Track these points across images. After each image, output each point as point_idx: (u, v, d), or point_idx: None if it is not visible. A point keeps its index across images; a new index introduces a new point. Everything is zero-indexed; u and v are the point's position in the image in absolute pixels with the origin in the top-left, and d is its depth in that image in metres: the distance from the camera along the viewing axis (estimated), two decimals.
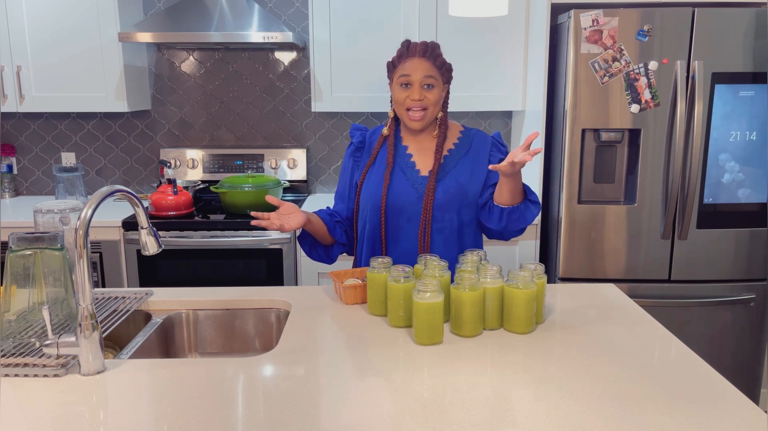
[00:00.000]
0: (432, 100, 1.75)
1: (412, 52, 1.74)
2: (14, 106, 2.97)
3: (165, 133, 3.39)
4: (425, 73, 1.73)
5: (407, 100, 1.75)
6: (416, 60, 1.73)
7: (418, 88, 1.73)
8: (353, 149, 1.91)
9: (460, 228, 1.81)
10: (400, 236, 1.80)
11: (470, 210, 1.82)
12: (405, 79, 1.74)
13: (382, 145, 1.86)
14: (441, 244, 1.79)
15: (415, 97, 1.73)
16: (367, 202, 1.82)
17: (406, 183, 1.80)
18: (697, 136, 2.53)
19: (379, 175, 1.83)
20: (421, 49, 1.74)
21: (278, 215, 1.70)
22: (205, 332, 1.73)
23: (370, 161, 1.85)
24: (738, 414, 1.13)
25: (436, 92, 1.76)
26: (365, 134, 1.92)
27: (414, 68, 1.73)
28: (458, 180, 1.79)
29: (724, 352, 2.73)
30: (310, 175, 3.41)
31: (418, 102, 1.73)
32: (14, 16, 2.89)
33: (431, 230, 1.78)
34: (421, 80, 1.73)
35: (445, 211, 1.78)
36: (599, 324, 1.54)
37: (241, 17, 2.89)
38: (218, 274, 2.82)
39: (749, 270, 2.68)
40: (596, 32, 2.50)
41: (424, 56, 1.73)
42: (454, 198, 1.78)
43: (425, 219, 1.77)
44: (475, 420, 1.10)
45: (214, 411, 1.14)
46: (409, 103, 1.75)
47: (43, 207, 1.58)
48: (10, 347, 1.37)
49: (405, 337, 1.47)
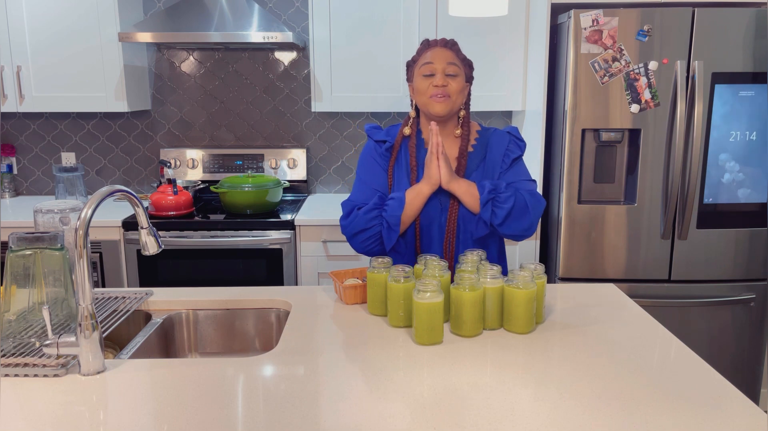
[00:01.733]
0: (456, 88, 1.72)
1: (434, 44, 1.77)
2: (14, 106, 2.97)
3: (165, 133, 3.39)
4: (448, 61, 1.72)
5: (430, 87, 1.72)
6: (438, 49, 1.75)
7: (442, 75, 1.71)
8: (382, 149, 1.81)
9: (484, 238, 1.77)
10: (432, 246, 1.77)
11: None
12: (428, 68, 1.72)
13: (400, 145, 1.81)
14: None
15: (438, 83, 1.71)
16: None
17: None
18: (697, 136, 2.53)
19: (403, 180, 1.77)
20: (442, 41, 1.77)
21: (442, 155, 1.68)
22: (205, 332, 1.73)
23: (391, 163, 1.80)
24: (738, 414, 1.13)
25: (459, 81, 1.73)
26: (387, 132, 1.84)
27: (436, 56, 1.73)
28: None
29: (724, 352, 2.73)
30: (310, 175, 3.41)
31: (442, 88, 1.71)
32: (14, 16, 2.89)
33: (456, 241, 1.76)
34: (444, 68, 1.72)
35: (468, 221, 1.74)
36: (599, 324, 1.54)
37: (241, 17, 2.89)
38: (218, 274, 2.82)
39: (749, 270, 2.68)
40: (596, 32, 2.50)
41: (446, 46, 1.75)
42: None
43: (450, 231, 1.74)
44: (475, 420, 1.10)
45: (214, 411, 1.14)
46: (433, 90, 1.71)
47: (43, 207, 1.58)
48: (10, 347, 1.37)
49: (405, 337, 1.47)
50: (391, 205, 1.70)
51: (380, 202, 1.73)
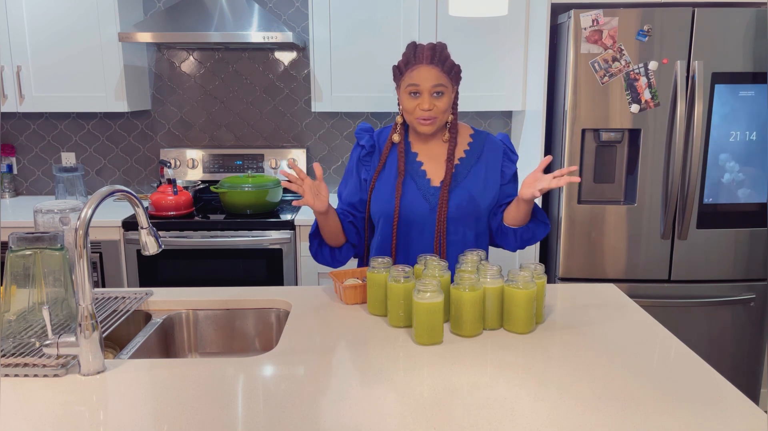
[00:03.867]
0: (442, 107, 1.70)
1: (419, 59, 1.67)
2: (14, 106, 2.97)
3: (165, 133, 3.39)
4: (434, 82, 1.67)
5: (417, 109, 1.69)
6: (424, 68, 1.67)
7: (428, 98, 1.67)
8: (363, 153, 1.82)
9: (475, 240, 1.78)
10: (411, 248, 1.77)
11: (484, 221, 1.80)
12: (413, 88, 1.68)
13: (390, 150, 1.79)
14: (456, 256, 1.74)
15: (424, 107, 1.67)
16: (379, 212, 1.77)
17: (418, 193, 1.75)
18: (697, 136, 2.53)
19: (389, 183, 1.77)
20: (429, 55, 1.67)
21: (313, 186, 1.64)
22: (205, 332, 1.73)
23: (379, 167, 1.79)
24: (738, 414, 1.13)
25: (446, 99, 1.70)
26: (373, 136, 1.84)
27: (422, 77, 1.66)
28: (471, 192, 1.75)
29: (724, 352, 2.73)
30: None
31: (428, 112, 1.68)
32: (14, 16, 2.89)
33: (446, 242, 1.76)
34: (430, 89, 1.67)
35: (458, 224, 1.75)
36: (599, 324, 1.54)
37: (241, 17, 2.89)
38: (218, 274, 2.82)
39: (749, 270, 2.68)
40: (596, 32, 2.50)
41: (432, 63, 1.67)
42: (467, 212, 1.75)
43: (439, 232, 1.74)
44: (475, 420, 1.10)
45: (214, 411, 1.14)
46: (419, 113, 1.69)
47: (43, 207, 1.58)
48: (10, 347, 1.37)
49: (405, 337, 1.47)
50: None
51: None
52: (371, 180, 1.80)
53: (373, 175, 1.80)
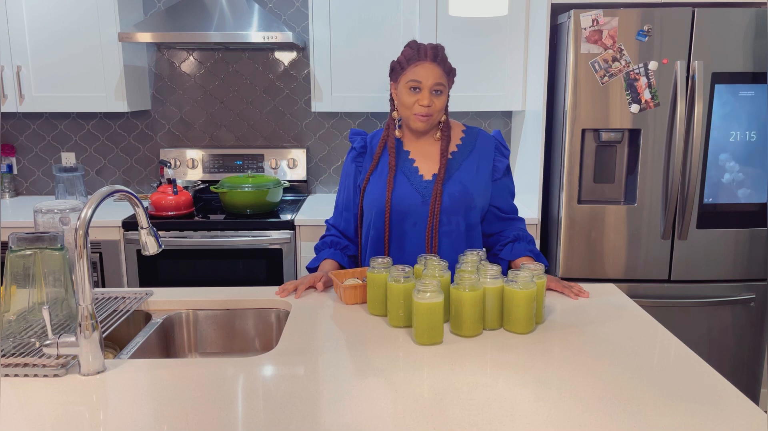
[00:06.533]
0: (439, 106, 1.74)
1: (423, 56, 1.71)
2: (14, 106, 2.97)
3: (165, 133, 3.39)
4: (436, 80, 1.71)
5: (416, 105, 1.73)
6: (428, 65, 1.71)
7: (428, 94, 1.71)
8: (355, 154, 1.89)
9: (467, 231, 1.80)
10: (405, 241, 1.79)
11: (477, 212, 1.81)
12: (415, 84, 1.71)
13: (383, 149, 1.84)
14: (449, 248, 1.77)
15: (424, 103, 1.71)
16: (372, 207, 1.81)
17: (410, 187, 1.78)
18: (697, 136, 2.53)
19: (382, 179, 1.80)
20: (432, 53, 1.72)
21: (303, 280, 1.78)
22: (205, 332, 1.73)
23: (372, 166, 1.83)
24: (738, 414, 1.13)
25: (444, 98, 1.75)
26: (366, 139, 1.89)
27: (426, 74, 1.70)
28: (463, 182, 1.78)
29: (724, 352, 2.73)
30: (310, 175, 3.41)
31: (427, 108, 1.72)
32: (14, 16, 2.89)
33: (438, 234, 1.77)
34: (431, 86, 1.71)
35: (451, 214, 1.77)
36: (599, 324, 1.54)
37: (241, 17, 2.89)
38: (218, 274, 2.82)
39: (749, 270, 2.68)
40: (596, 32, 2.50)
41: (435, 61, 1.71)
42: (459, 202, 1.77)
43: (432, 224, 1.75)
44: (475, 420, 1.10)
45: (214, 411, 1.14)
46: (418, 109, 1.73)
47: (43, 207, 1.58)
48: (10, 347, 1.37)
49: (405, 337, 1.47)
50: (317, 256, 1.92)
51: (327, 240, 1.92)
52: (365, 179, 1.84)
53: (366, 175, 1.84)
